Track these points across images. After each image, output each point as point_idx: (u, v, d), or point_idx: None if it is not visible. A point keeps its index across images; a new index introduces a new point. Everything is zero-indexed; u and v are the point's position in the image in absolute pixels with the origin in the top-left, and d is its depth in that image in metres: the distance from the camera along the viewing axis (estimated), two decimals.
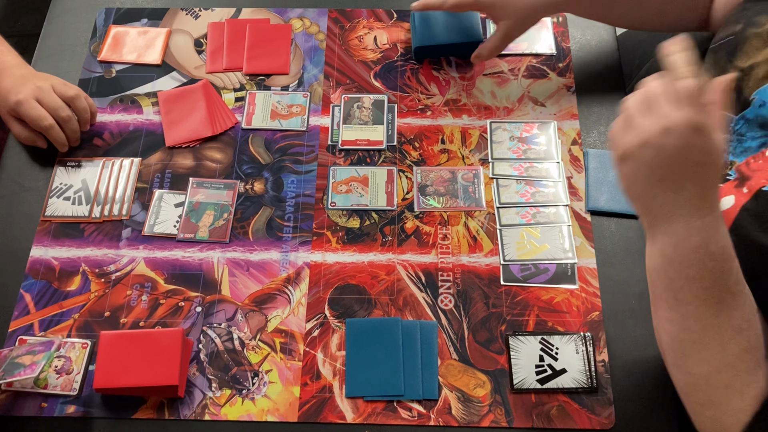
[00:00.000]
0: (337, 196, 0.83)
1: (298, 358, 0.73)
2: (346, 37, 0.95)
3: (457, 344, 0.74)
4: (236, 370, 0.73)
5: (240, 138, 0.87)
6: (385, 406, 0.71)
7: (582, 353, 0.72)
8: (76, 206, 0.82)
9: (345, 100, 0.89)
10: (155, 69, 0.93)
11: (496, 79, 0.91)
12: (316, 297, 0.77)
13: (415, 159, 0.85)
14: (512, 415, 0.70)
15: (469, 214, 0.81)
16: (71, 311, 0.76)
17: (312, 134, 0.87)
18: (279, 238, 0.80)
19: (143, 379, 0.68)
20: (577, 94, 0.89)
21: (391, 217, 0.81)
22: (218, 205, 0.82)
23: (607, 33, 0.94)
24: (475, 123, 0.87)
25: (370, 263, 0.78)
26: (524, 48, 0.93)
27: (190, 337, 0.74)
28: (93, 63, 0.93)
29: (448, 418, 0.70)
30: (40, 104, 0.80)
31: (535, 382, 0.71)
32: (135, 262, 0.79)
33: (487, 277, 0.77)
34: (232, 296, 0.77)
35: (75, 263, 0.79)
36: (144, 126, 0.88)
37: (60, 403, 0.71)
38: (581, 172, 0.84)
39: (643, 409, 0.70)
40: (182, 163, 0.85)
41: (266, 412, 0.70)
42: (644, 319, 0.75)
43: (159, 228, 0.81)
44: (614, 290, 0.76)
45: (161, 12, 0.97)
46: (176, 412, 0.70)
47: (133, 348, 0.70)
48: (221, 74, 0.92)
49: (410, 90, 0.90)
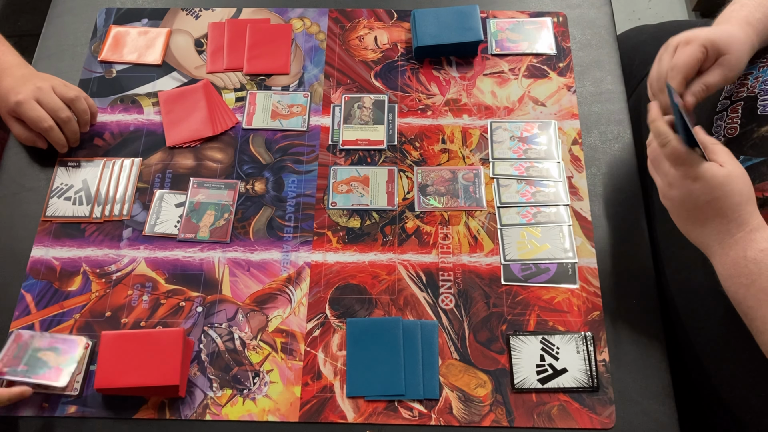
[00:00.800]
0: (337, 196, 0.83)
1: (299, 358, 0.73)
2: (346, 37, 0.95)
3: (457, 344, 0.74)
4: (237, 370, 0.73)
5: (240, 138, 0.87)
6: (386, 405, 0.71)
7: (583, 353, 0.72)
8: (76, 206, 0.82)
9: (345, 100, 0.89)
10: (156, 69, 0.93)
11: (497, 79, 0.91)
12: (316, 297, 0.77)
13: (416, 159, 0.85)
14: (513, 414, 0.70)
15: (469, 214, 0.81)
16: (72, 311, 0.76)
17: (312, 134, 0.87)
18: (280, 238, 0.80)
19: (144, 379, 0.68)
20: (577, 94, 0.89)
21: (391, 217, 0.81)
22: (219, 205, 0.82)
23: (607, 33, 0.94)
24: (476, 123, 0.87)
25: (371, 263, 0.78)
26: (525, 48, 0.93)
27: (191, 337, 0.74)
28: (93, 63, 0.93)
29: (449, 417, 0.70)
30: (40, 105, 0.80)
31: (535, 381, 0.71)
32: (136, 262, 0.79)
33: (487, 276, 0.77)
34: (233, 296, 0.77)
35: (76, 263, 0.79)
36: (144, 126, 0.88)
37: (61, 403, 0.71)
38: (582, 172, 0.84)
39: (644, 409, 0.70)
40: (183, 163, 0.85)
41: (267, 412, 0.71)
42: (645, 318, 0.75)
43: (160, 228, 0.81)
44: (615, 290, 0.76)
45: (162, 12, 0.97)
46: (177, 412, 0.70)
47: (134, 348, 0.70)
48: (222, 74, 0.92)
49: (411, 90, 0.90)
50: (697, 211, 0.62)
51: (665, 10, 1.94)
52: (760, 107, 0.68)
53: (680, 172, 0.61)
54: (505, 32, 0.94)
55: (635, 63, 0.97)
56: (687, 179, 0.61)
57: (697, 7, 1.89)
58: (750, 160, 0.67)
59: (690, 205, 0.62)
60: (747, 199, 0.60)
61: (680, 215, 0.64)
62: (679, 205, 0.63)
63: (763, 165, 0.65)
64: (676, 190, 0.62)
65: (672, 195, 0.63)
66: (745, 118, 0.69)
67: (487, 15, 0.96)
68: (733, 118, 0.70)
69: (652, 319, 0.75)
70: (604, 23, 0.95)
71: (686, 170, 0.60)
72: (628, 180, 0.83)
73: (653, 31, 1.01)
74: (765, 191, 0.64)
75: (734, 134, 0.70)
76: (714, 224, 0.61)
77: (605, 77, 0.91)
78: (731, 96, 0.72)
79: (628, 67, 0.94)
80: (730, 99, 0.72)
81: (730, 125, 0.70)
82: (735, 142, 0.69)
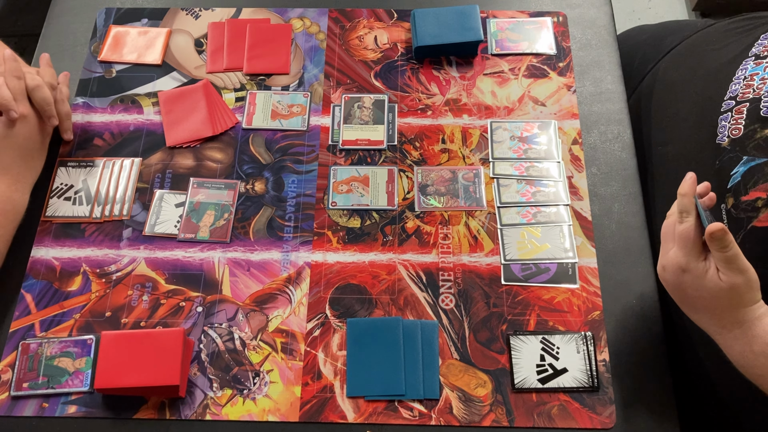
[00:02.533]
0: (337, 196, 0.83)
1: (299, 358, 0.73)
2: (346, 36, 0.95)
3: (458, 344, 0.74)
4: (237, 370, 0.73)
5: (240, 138, 0.87)
6: (386, 405, 0.71)
7: (583, 352, 0.72)
8: (76, 206, 0.82)
9: (345, 100, 0.89)
10: (155, 69, 0.93)
11: (497, 79, 0.91)
12: (316, 297, 0.77)
13: (416, 159, 0.85)
14: (513, 414, 0.70)
15: (469, 214, 0.81)
16: (72, 311, 0.76)
17: (312, 134, 0.87)
18: (280, 238, 0.80)
19: (144, 379, 0.68)
20: (577, 94, 0.89)
21: (391, 217, 0.81)
22: (219, 205, 0.82)
23: (607, 33, 0.94)
24: (476, 122, 0.87)
25: (371, 263, 0.78)
26: (524, 48, 0.93)
27: (191, 337, 0.74)
28: (93, 63, 0.93)
29: (449, 417, 0.70)
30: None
31: (536, 381, 0.71)
32: (136, 263, 0.79)
33: (487, 276, 0.77)
34: (233, 296, 0.77)
35: (76, 263, 0.79)
36: (144, 126, 0.88)
37: (61, 403, 0.71)
38: (582, 172, 0.84)
39: (644, 409, 0.70)
40: (183, 163, 0.85)
41: (267, 412, 0.71)
42: (645, 318, 0.75)
43: (160, 228, 0.81)
44: (615, 290, 0.76)
45: (161, 12, 0.97)
46: (177, 412, 0.70)
47: (134, 348, 0.70)
48: (222, 74, 0.92)
49: (411, 90, 0.90)
50: (686, 300, 0.61)
51: (665, 10, 1.94)
52: (764, 108, 0.68)
53: (677, 257, 0.60)
54: (505, 32, 0.94)
55: (635, 63, 0.97)
56: (678, 268, 0.59)
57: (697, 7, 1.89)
58: (753, 160, 0.67)
59: (681, 292, 0.61)
60: (742, 306, 0.58)
61: (674, 296, 0.63)
62: (672, 289, 0.62)
63: (766, 165, 0.65)
64: (668, 274, 0.61)
65: (665, 277, 0.62)
66: (750, 119, 0.69)
67: (487, 15, 0.96)
68: (738, 119, 0.70)
69: (652, 319, 0.75)
70: (604, 23, 0.95)
71: (681, 258, 0.59)
72: (628, 180, 0.83)
73: (653, 31, 1.01)
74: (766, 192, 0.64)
75: (738, 135, 0.69)
76: (706, 317, 0.60)
77: (605, 77, 0.91)
78: (736, 96, 0.72)
79: (628, 67, 0.95)
80: (735, 99, 0.72)
81: (734, 126, 0.70)
82: (738, 143, 0.69)
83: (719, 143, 0.71)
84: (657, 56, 0.93)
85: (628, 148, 0.85)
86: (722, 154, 0.70)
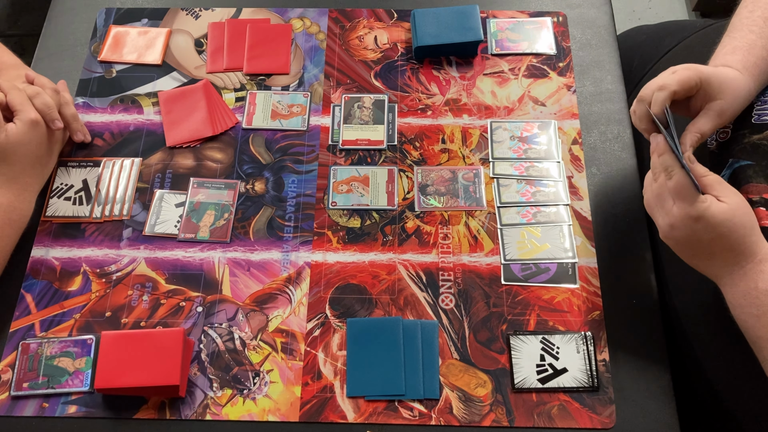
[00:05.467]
0: (337, 196, 0.83)
1: (299, 358, 0.73)
2: (346, 36, 0.95)
3: (458, 344, 0.74)
4: (237, 370, 0.73)
5: (240, 138, 0.87)
6: (386, 405, 0.71)
7: (583, 352, 0.72)
8: (76, 206, 0.82)
9: (345, 100, 0.89)
10: (156, 69, 0.93)
11: (497, 79, 0.91)
12: (316, 297, 0.77)
13: (416, 159, 0.85)
14: (513, 414, 0.70)
15: (469, 214, 0.81)
16: (72, 311, 0.76)
17: (312, 134, 0.87)
18: (280, 238, 0.80)
19: (144, 379, 0.68)
20: (577, 94, 0.89)
21: (391, 217, 0.81)
22: (219, 205, 0.82)
23: (607, 33, 0.94)
24: (476, 122, 0.87)
25: (371, 263, 0.78)
26: (524, 48, 0.93)
27: (191, 337, 0.74)
28: (93, 63, 0.93)
29: (449, 417, 0.70)
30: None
31: (536, 381, 0.71)
32: (136, 262, 0.79)
33: (487, 276, 0.77)
34: (233, 296, 0.77)
35: (76, 263, 0.79)
36: (144, 126, 0.88)
37: (61, 403, 0.71)
38: (582, 172, 0.84)
39: (644, 409, 0.70)
40: (183, 163, 0.85)
41: (267, 411, 0.71)
42: (645, 318, 0.75)
43: (160, 228, 0.81)
44: (615, 289, 0.76)
45: (161, 12, 0.97)
46: (177, 412, 0.70)
47: (134, 348, 0.70)
48: (222, 74, 0.92)
49: (411, 90, 0.90)
50: (702, 249, 0.61)
51: (665, 10, 1.94)
52: (755, 116, 0.68)
53: (682, 210, 0.60)
54: (505, 32, 0.94)
55: (635, 63, 0.97)
56: (689, 219, 0.59)
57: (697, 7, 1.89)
58: (738, 162, 0.67)
59: (695, 243, 0.61)
60: (751, 229, 0.59)
61: (685, 253, 0.63)
62: (684, 244, 0.62)
63: (750, 168, 0.66)
64: (679, 231, 0.61)
65: (675, 236, 0.62)
66: (738, 123, 0.69)
67: (487, 15, 0.96)
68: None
69: (652, 319, 0.75)
70: (604, 23, 0.95)
71: (688, 208, 0.59)
72: (628, 180, 0.83)
73: (653, 31, 1.01)
74: (750, 193, 0.64)
75: (725, 138, 0.70)
76: (721, 258, 0.61)
77: (605, 77, 0.91)
78: None
79: (628, 67, 0.95)
80: None
81: (722, 130, 0.70)
82: (725, 146, 0.69)
83: (708, 147, 0.72)
84: (657, 56, 0.93)
85: (628, 148, 0.85)
86: (711, 158, 0.71)
